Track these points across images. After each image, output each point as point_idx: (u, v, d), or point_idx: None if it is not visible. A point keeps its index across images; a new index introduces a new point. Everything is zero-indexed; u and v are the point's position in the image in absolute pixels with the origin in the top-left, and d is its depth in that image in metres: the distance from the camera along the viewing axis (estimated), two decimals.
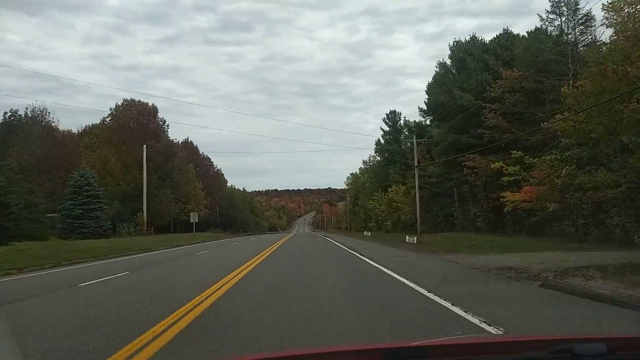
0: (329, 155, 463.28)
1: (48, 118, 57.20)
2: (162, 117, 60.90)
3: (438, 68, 36.45)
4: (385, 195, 56.48)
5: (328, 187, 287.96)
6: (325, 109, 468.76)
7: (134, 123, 57.35)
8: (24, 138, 53.74)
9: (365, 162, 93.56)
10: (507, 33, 33.09)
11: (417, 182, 37.04)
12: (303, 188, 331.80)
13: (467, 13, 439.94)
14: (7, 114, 58.07)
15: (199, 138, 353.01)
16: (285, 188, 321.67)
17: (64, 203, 37.01)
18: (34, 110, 56.30)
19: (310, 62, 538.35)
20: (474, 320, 5.37)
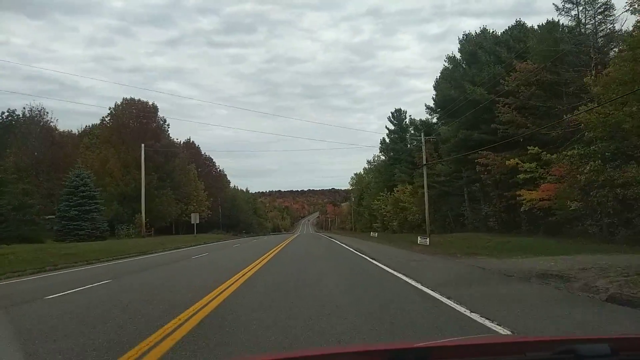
0: (333, 156, 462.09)
1: (46, 118, 56.27)
2: (162, 116, 59.61)
3: (447, 62, 35.02)
4: (391, 195, 55.01)
5: (332, 187, 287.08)
6: (328, 110, 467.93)
7: (134, 122, 56.09)
8: (22, 138, 52.64)
9: (370, 162, 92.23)
10: (519, 25, 31.61)
11: (425, 180, 35.57)
12: (307, 189, 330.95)
13: (470, 13, 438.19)
14: (4, 114, 56.81)
15: (203, 140, 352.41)
16: (289, 189, 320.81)
17: (59, 204, 35.69)
18: (32, 110, 55.21)
19: (313, 63, 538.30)
20: None
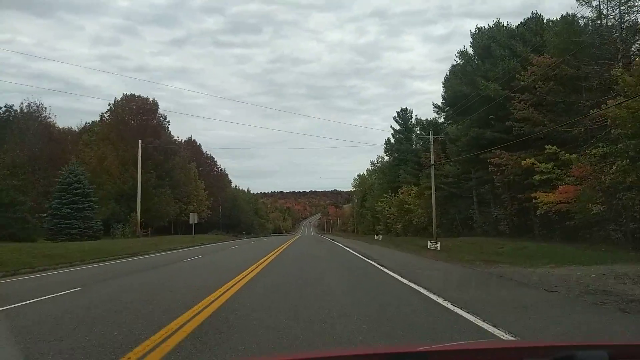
0: (335, 158, 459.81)
1: (44, 114, 54.96)
2: (162, 112, 58.26)
3: (458, 57, 33.46)
4: (396, 197, 53.41)
5: (334, 189, 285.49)
6: (333, 111, 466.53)
7: (134, 119, 54.76)
8: (19, 134, 51.32)
9: (373, 162, 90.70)
10: (535, 17, 30.05)
11: (433, 181, 34.01)
12: (309, 190, 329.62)
13: (475, 15, 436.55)
14: (1, 109, 55.55)
15: (206, 139, 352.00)
16: (291, 190, 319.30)
17: (51, 202, 34.26)
18: (30, 106, 53.86)
19: (318, 64, 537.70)
20: None
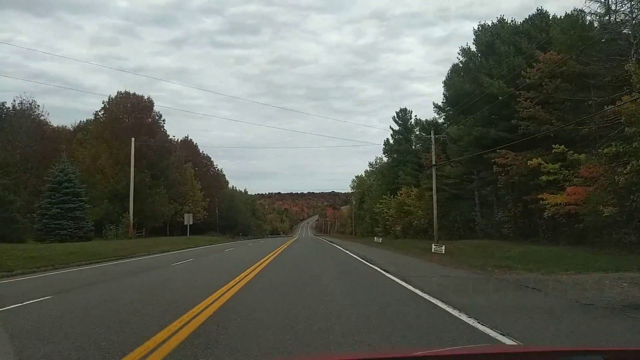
0: (333, 159, 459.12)
1: (37, 111, 53.83)
2: (158, 111, 57.13)
3: (461, 55, 32.48)
4: (395, 198, 52.46)
5: (332, 190, 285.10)
6: (331, 113, 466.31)
7: (128, 117, 53.64)
8: (11, 132, 50.18)
9: (372, 164, 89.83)
10: (541, 13, 29.17)
11: (434, 183, 33.09)
12: (307, 191, 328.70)
13: (474, 17, 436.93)
14: None
15: (205, 140, 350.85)
16: (289, 191, 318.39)
17: (41, 201, 33.15)
18: (22, 104, 52.73)
19: (317, 65, 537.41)
20: None
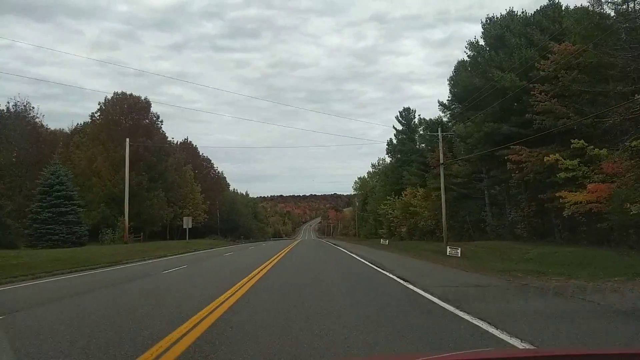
0: (335, 161, 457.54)
1: (32, 114, 52.57)
2: (155, 112, 55.86)
3: (468, 49, 31.09)
4: (400, 199, 51.06)
5: (334, 192, 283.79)
6: (332, 115, 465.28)
7: (125, 119, 52.37)
8: (5, 134, 48.93)
9: (374, 165, 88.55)
10: (553, 4, 27.82)
11: (442, 182, 31.72)
12: (309, 194, 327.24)
13: (474, 19, 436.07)
14: None
15: (206, 144, 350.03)
16: (291, 194, 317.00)
17: (32, 205, 31.80)
18: (17, 105, 51.46)
19: (317, 68, 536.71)
20: None
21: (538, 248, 21.05)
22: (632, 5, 23.05)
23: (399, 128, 62.63)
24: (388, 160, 72.20)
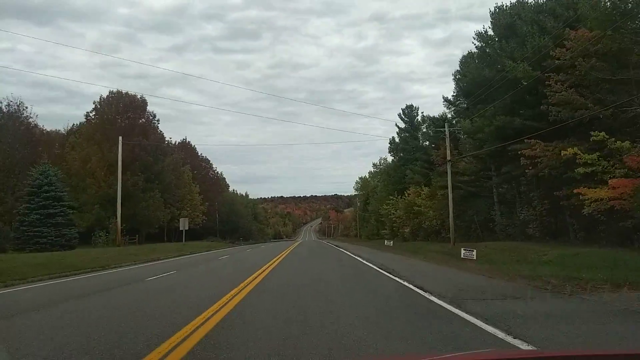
0: (336, 162, 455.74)
1: (25, 114, 51.17)
2: (151, 111, 54.42)
3: (477, 40, 29.63)
4: (403, 199, 49.56)
5: (334, 193, 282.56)
6: (332, 115, 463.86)
7: (120, 118, 50.96)
8: None
9: (376, 164, 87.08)
10: None
11: (449, 180, 30.25)
12: (309, 195, 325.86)
13: (474, 18, 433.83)
14: None
15: (207, 146, 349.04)
16: (291, 195, 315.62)
17: (19, 207, 30.33)
18: (9, 105, 50.05)
19: (317, 68, 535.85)
20: None
21: (554, 249, 19.55)
22: None
23: (402, 126, 61.28)
24: (390, 160, 70.87)
